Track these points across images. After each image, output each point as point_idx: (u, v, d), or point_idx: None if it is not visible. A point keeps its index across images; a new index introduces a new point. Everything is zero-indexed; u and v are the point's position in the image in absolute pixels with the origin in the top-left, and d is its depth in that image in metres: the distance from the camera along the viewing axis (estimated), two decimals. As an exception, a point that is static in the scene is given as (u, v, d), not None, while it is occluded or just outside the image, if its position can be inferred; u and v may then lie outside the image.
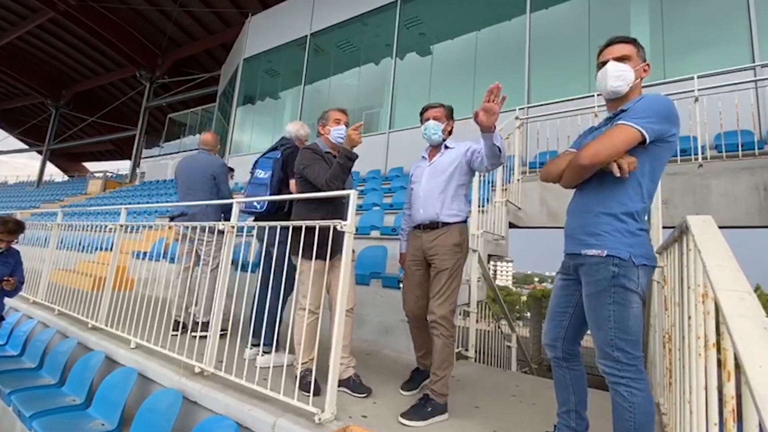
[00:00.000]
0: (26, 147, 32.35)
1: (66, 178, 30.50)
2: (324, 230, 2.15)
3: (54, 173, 32.30)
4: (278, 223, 2.39)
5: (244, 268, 3.69)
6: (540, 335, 21.72)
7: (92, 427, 2.45)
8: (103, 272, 3.99)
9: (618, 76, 1.53)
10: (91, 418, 2.58)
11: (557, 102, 5.69)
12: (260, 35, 13.59)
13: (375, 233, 4.85)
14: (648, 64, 1.57)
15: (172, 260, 4.31)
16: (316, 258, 2.26)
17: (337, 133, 2.57)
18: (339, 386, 2.12)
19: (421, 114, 2.51)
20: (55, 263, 4.82)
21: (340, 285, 2.04)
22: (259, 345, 2.66)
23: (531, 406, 2.42)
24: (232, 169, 4.30)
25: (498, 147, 2.00)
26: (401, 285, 2.63)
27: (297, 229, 2.31)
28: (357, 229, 4.15)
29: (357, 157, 2.35)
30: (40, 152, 27.94)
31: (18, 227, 3.11)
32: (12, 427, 3.01)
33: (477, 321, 3.74)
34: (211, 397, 2.24)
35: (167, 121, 19.79)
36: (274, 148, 3.09)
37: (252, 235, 3.51)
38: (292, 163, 2.80)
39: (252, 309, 2.79)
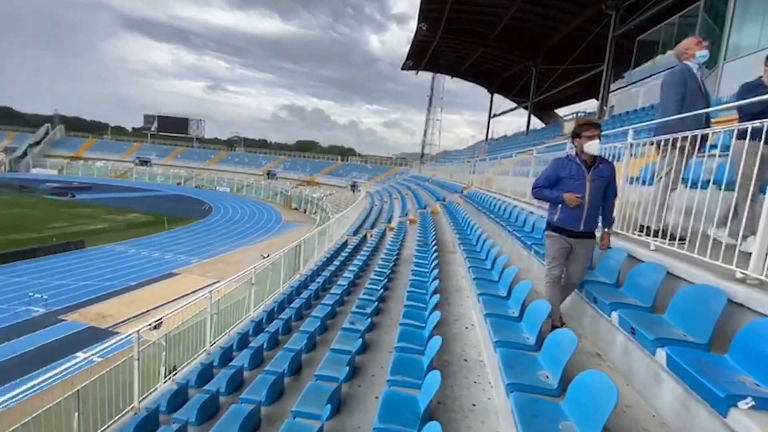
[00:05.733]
0: (514, 105, 41.70)
1: (542, 125, 36.71)
2: None
3: (533, 123, 39.74)
4: None
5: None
6: None
7: (629, 302, 3.06)
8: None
9: None
10: (624, 295, 3.22)
11: None
12: None
13: None
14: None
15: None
16: None
17: None
18: None
19: None
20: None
21: None
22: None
23: None
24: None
25: None
26: None
27: None
28: None
29: None
30: (525, 107, 35.17)
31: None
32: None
33: None
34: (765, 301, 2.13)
35: (636, 46, 18.51)
36: None
37: None
38: None
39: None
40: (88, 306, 16.82)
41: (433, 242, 8.16)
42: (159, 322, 7.27)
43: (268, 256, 16.99)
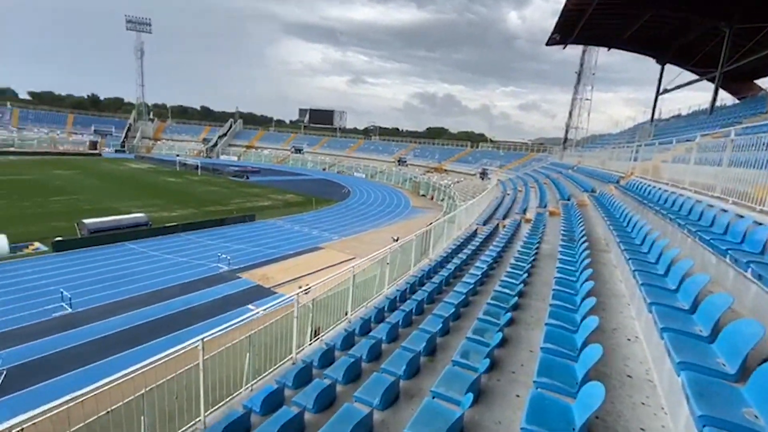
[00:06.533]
0: (695, 78, 33.62)
1: (735, 101, 28.82)
2: None
3: (723, 98, 31.48)
4: None
5: None
6: None
7: None
8: None
9: None
10: None
11: None
12: None
13: None
14: None
15: None
16: None
17: None
18: None
19: None
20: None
21: None
22: None
23: None
24: None
25: None
26: None
27: None
28: None
29: None
30: (710, 79, 28.08)
31: None
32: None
33: None
34: None
35: None
36: None
37: None
38: None
39: None
40: (256, 268, 20.49)
41: (582, 238, 7.28)
42: (308, 288, 8.39)
43: (398, 239, 17.70)
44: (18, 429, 3.34)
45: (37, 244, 21.09)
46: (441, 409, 3.13)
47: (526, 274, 6.25)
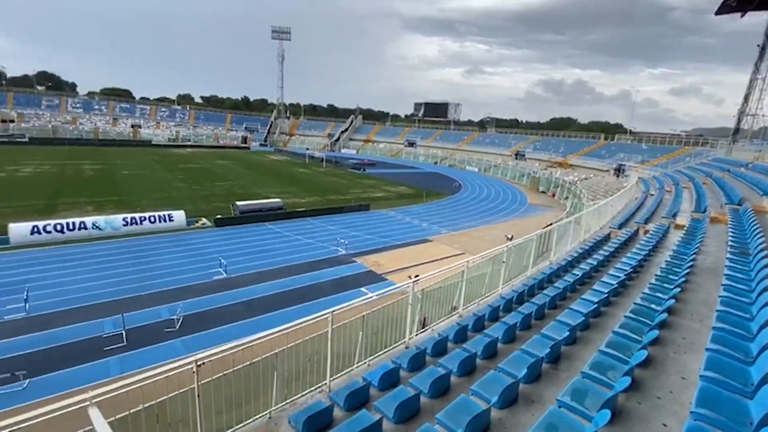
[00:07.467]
0: None
1: None
2: None
3: None
4: None
5: None
6: None
7: None
8: None
9: None
10: None
11: None
12: None
13: None
14: None
15: None
16: None
17: None
18: None
19: None
20: None
21: None
22: None
23: None
24: None
25: None
26: None
27: None
28: None
29: None
30: None
31: None
32: None
33: None
34: None
35: None
36: None
37: None
38: None
39: None
40: (369, 254, 21.81)
41: (761, 252, 5.87)
42: (418, 278, 8.62)
43: (512, 237, 16.81)
44: (201, 363, 4.23)
45: (204, 220, 26.11)
46: (569, 421, 2.94)
47: (677, 289, 5.34)
